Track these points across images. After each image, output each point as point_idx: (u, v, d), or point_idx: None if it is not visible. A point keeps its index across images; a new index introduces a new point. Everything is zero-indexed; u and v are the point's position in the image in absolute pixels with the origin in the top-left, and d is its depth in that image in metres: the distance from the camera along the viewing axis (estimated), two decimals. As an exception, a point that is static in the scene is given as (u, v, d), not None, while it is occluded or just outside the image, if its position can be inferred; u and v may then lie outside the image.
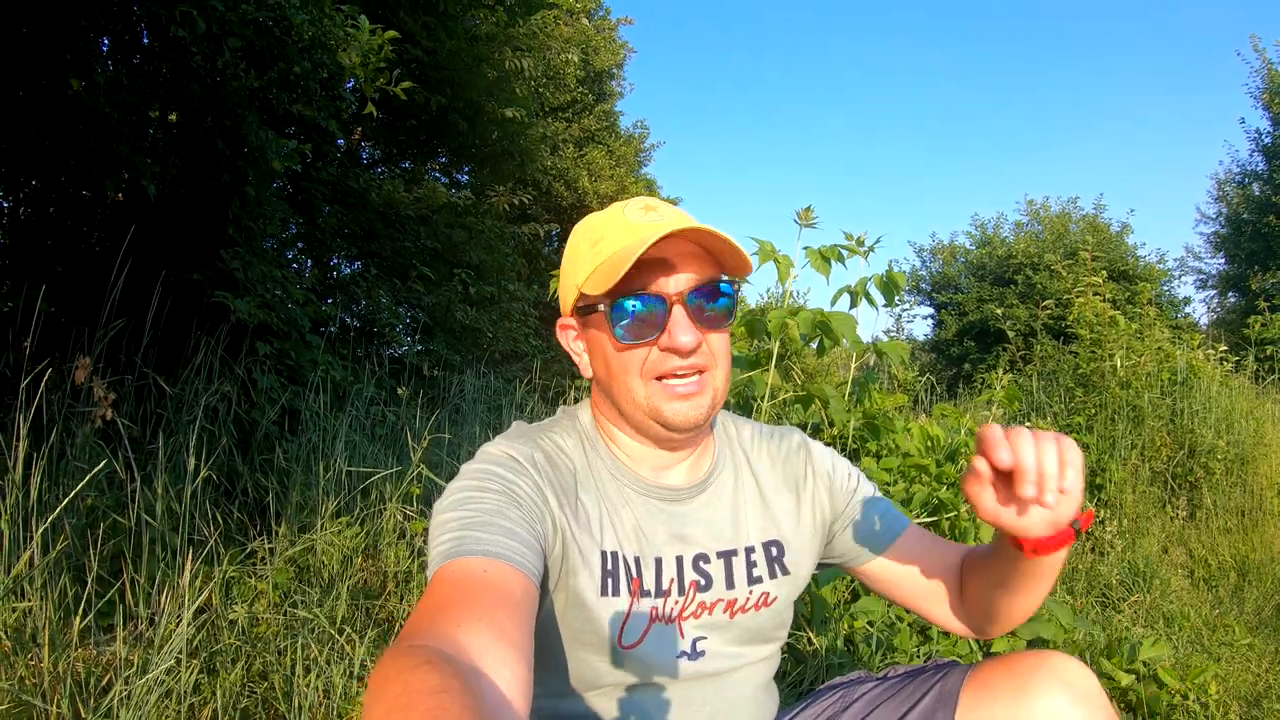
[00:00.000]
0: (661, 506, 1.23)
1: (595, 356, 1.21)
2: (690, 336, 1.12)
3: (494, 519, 1.01)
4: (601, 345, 1.18)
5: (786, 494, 1.32)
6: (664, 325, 1.12)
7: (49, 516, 2.25)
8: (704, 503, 1.25)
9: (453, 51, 6.29)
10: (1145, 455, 5.62)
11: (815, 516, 1.32)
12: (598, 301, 1.13)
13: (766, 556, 1.27)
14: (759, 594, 1.25)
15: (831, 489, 1.33)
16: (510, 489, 1.08)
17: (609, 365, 1.18)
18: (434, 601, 0.88)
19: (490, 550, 0.96)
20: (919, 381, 6.62)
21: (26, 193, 4.37)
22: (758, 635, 1.26)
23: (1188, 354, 6.42)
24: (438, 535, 1.00)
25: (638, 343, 1.13)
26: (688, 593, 1.20)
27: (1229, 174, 19.70)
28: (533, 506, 1.08)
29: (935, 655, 2.76)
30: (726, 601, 1.22)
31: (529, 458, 1.14)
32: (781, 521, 1.29)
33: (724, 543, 1.25)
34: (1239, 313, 16.57)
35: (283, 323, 4.26)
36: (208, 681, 2.26)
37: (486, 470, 1.10)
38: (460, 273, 7.01)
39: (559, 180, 13.52)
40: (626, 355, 1.15)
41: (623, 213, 1.17)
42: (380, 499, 3.34)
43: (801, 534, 1.31)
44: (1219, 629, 3.81)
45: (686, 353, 1.13)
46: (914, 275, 21.24)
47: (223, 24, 3.50)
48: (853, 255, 3.04)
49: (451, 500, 1.05)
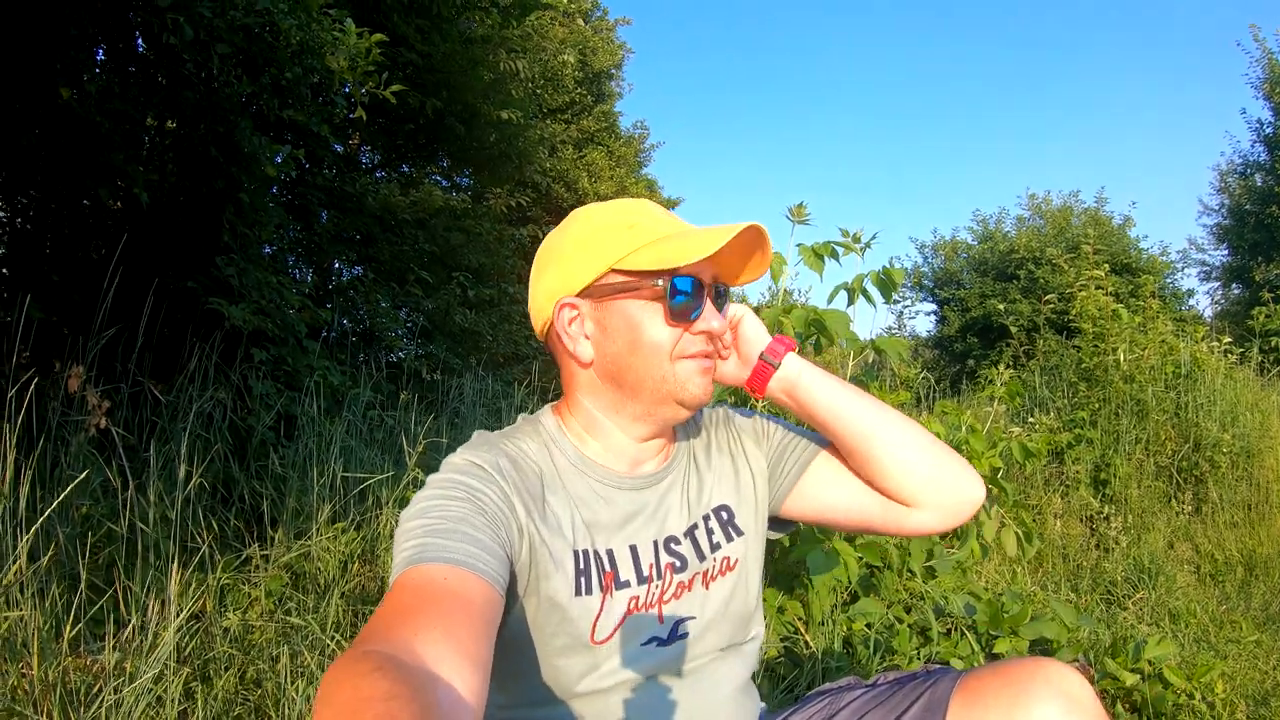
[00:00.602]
0: (632, 496, 1.23)
1: (612, 337, 1.19)
2: (721, 323, 1.21)
3: (458, 526, 1.00)
4: (631, 323, 1.18)
5: (721, 458, 1.36)
6: (700, 310, 1.19)
7: (37, 523, 2.24)
8: (668, 486, 1.28)
9: (447, 54, 6.28)
10: (1150, 449, 5.59)
11: (752, 471, 1.36)
12: (654, 277, 1.15)
13: (719, 521, 1.30)
14: (721, 559, 1.27)
15: (756, 439, 1.39)
16: (475, 496, 1.07)
17: (638, 343, 1.18)
18: (392, 608, 0.88)
19: (452, 558, 0.95)
20: (921, 379, 6.59)
21: (23, 203, 4.37)
22: (730, 615, 1.27)
23: (1191, 347, 6.38)
24: (401, 542, 0.99)
25: (680, 323, 1.18)
26: (665, 576, 1.21)
27: (1231, 165, 19.58)
28: (498, 513, 1.07)
29: (935, 656, 2.74)
30: (701, 574, 1.25)
31: (494, 464, 1.13)
32: (724, 484, 1.33)
33: (686, 521, 1.27)
34: (1243, 304, 16.48)
35: (278, 328, 4.25)
36: (200, 689, 2.25)
37: (451, 479, 1.09)
38: (459, 276, 7.00)
39: (558, 182, 13.52)
40: (670, 333, 1.18)
41: (646, 206, 1.23)
42: (377, 504, 3.33)
43: (742, 492, 1.34)
44: (1226, 625, 3.78)
45: (719, 335, 1.23)
46: (916, 271, 21.16)
47: (211, 30, 3.49)
48: (848, 252, 3.02)
49: (416, 509, 1.04)
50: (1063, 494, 5.16)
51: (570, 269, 1.20)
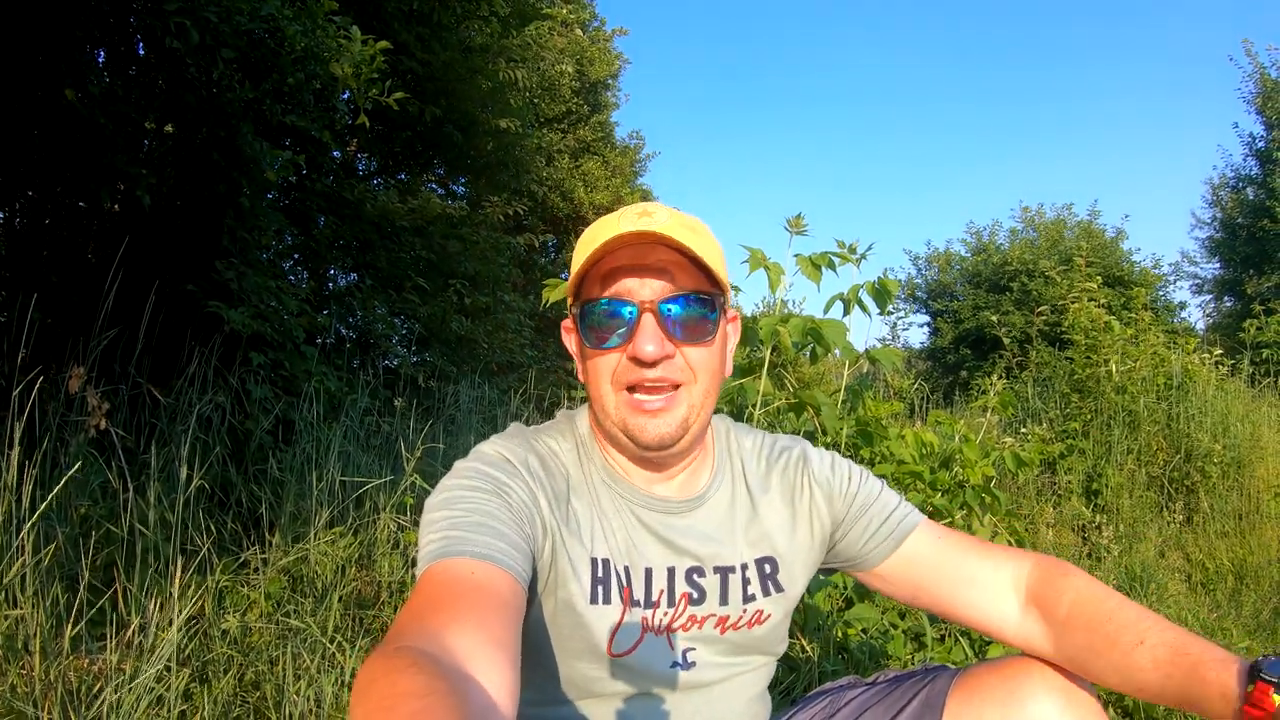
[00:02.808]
0: (655, 518, 1.21)
1: (578, 361, 1.21)
2: (654, 346, 1.09)
3: (484, 520, 1.00)
4: (580, 349, 1.19)
5: (782, 508, 1.28)
6: (629, 334, 1.10)
7: (36, 522, 2.24)
8: (702, 516, 1.23)
9: (447, 63, 6.30)
10: (1141, 460, 5.62)
11: (813, 528, 1.28)
12: (574, 304, 1.15)
13: (760, 574, 1.24)
14: (753, 611, 1.23)
15: (830, 496, 1.29)
16: (501, 490, 1.07)
17: (585, 371, 1.18)
18: (421, 602, 0.88)
19: (479, 551, 0.95)
20: (915, 389, 6.62)
21: (23, 203, 4.38)
22: (750, 648, 1.25)
23: (1183, 358, 6.43)
24: (427, 533, 1.00)
25: (605, 349, 1.12)
26: (678, 605, 1.19)
27: (1223, 178, 19.74)
28: (523, 509, 1.07)
29: (929, 661, 2.75)
30: (719, 617, 1.21)
31: (523, 460, 1.13)
32: (775, 537, 1.26)
33: (721, 559, 1.22)
34: (1234, 317, 16.57)
35: (277, 333, 4.26)
36: (199, 690, 2.25)
37: (479, 470, 1.09)
38: (455, 283, 7.00)
39: (554, 191, 13.52)
40: (597, 361, 1.14)
41: (618, 218, 1.14)
42: (374, 509, 3.33)
43: (796, 548, 1.27)
44: (1217, 633, 3.80)
45: (650, 362, 1.10)
46: (909, 283, 21.22)
47: (216, 35, 3.51)
48: (844, 262, 3.05)
49: (442, 498, 1.05)
50: (1055, 504, 5.18)
51: (565, 292, 1.24)
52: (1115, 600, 1.11)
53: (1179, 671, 0.99)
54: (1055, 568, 1.20)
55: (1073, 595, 1.14)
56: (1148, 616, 1.07)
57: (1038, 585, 1.18)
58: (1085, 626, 1.10)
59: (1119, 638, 1.06)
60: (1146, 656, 1.03)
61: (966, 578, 1.23)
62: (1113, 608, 1.10)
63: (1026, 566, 1.22)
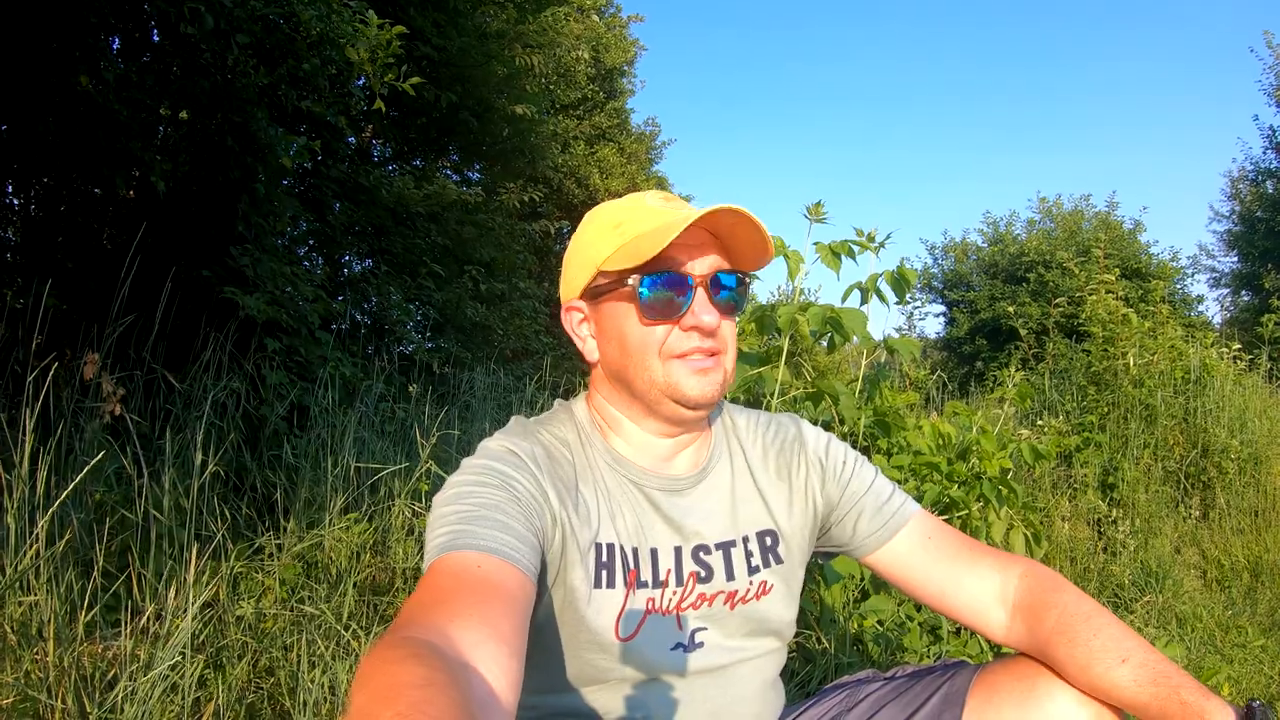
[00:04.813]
0: (660, 498, 1.22)
1: (607, 338, 1.21)
2: (712, 316, 1.15)
3: (491, 514, 1.01)
4: (617, 324, 1.19)
5: (779, 483, 1.31)
6: (688, 305, 1.15)
7: (51, 508, 2.25)
8: (703, 493, 1.25)
9: (463, 48, 6.29)
10: (1158, 454, 5.58)
11: (808, 505, 1.31)
12: (626, 276, 1.15)
13: (761, 546, 1.27)
14: (758, 583, 1.25)
15: (824, 477, 1.32)
16: (509, 484, 1.07)
17: (625, 344, 1.18)
18: (428, 594, 0.89)
19: (486, 545, 0.96)
20: (931, 379, 6.58)
21: (38, 190, 4.40)
22: (760, 627, 1.25)
23: (1201, 352, 6.37)
24: (435, 528, 1.00)
25: (662, 319, 1.15)
26: (686, 583, 1.20)
27: (1242, 171, 19.56)
28: (531, 502, 1.07)
29: (945, 655, 2.74)
30: (727, 593, 1.22)
31: (529, 453, 1.14)
32: (775, 511, 1.29)
33: (723, 534, 1.25)
34: (1252, 311, 16.41)
35: (292, 319, 4.26)
36: (214, 677, 2.26)
37: (485, 465, 1.10)
38: (471, 270, 7.01)
39: (570, 177, 13.51)
40: (649, 332, 1.16)
41: (643, 200, 1.21)
42: (389, 495, 3.34)
43: (794, 523, 1.30)
44: (1232, 630, 3.78)
45: (709, 331, 1.16)
46: (926, 273, 21.14)
47: (231, 20, 3.50)
48: (863, 251, 3.02)
49: (450, 494, 1.05)
50: (1070, 497, 5.15)
51: (572, 273, 1.24)
52: (1103, 618, 1.15)
53: (1162, 692, 1.04)
54: (1045, 580, 1.23)
55: (1059, 611, 1.17)
56: (1133, 637, 1.11)
57: (1026, 597, 1.22)
58: (1069, 641, 1.13)
59: (1103, 653, 1.10)
60: (1128, 675, 1.07)
61: (954, 583, 1.27)
62: (1100, 624, 1.13)
63: (1015, 577, 1.25)
